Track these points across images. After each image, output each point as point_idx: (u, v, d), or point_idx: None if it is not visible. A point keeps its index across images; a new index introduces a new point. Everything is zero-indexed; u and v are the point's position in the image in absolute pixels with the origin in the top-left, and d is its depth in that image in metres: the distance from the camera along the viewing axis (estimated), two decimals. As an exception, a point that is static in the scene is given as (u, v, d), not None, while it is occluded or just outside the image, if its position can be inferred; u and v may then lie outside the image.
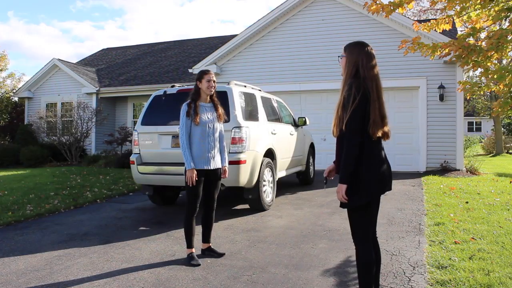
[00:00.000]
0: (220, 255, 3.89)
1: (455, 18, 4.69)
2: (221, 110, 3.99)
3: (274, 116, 6.79)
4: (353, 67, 2.52)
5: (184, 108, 3.83)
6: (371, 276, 2.52)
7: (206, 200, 3.94)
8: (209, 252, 3.94)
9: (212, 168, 3.85)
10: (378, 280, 2.68)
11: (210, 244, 3.99)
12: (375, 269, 2.58)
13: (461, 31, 10.99)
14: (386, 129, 2.50)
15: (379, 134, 2.45)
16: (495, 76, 4.11)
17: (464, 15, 4.50)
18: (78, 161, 13.38)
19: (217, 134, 3.94)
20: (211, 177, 3.89)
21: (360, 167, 2.43)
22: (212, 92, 3.93)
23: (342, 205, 2.51)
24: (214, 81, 3.90)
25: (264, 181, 5.77)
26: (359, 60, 2.51)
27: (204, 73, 3.89)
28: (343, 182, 2.43)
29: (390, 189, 2.57)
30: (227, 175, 4.08)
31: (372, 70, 2.51)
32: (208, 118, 3.85)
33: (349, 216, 2.56)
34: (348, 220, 2.58)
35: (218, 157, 3.94)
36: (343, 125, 2.44)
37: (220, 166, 3.97)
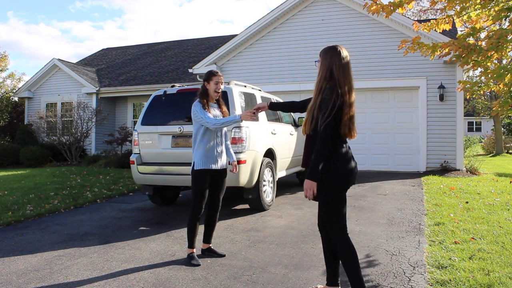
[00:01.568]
0: (220, 255, 3.89)
1: (455, 18, 4.69)
2: (225, 108, 4.01)
3: (274, 116, 6.79)
4: (326, 70, 2.65)
5: (197, 104, 3.78)
6: (358, 265, 2.65)
7: (211, 201, 3.93)
8: (209, 253, 3.93)
9: (219, 167, 3.84)
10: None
11: (211, 245, 3.98)
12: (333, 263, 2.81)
13: (461, 31, 10.99)
14: (353, 128, 2.66)
15: (346, 134, 2.63)
16: (494, 76, 4.11)
17: (464, 15, 4.50)
18: (78, 161, 13.38)
19: (223, 133, 3.94)
20: (217, 177, 3.87)
21: (331, 164, 2.59)
22: (219, 95, 3.93)
23: (315, 198, 2.65)
24: (222, 83, 3.88)
25: (264, 181, 5.77)
26: (332, 64, 2.64)
27: (212, 74, 3.83)
28: (314, 180, 2.55)
29: (354, 183, 2.72)
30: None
31: (344, 73, 2.62)
32: (215, 114, 3.85)
33: (324, 213, 2.72)
34: (324, 216, 2.74)
35: (224, 157, 3.93)
36: (316, 125, 2.60)
37: (226, 166, 3.96)
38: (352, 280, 2.66)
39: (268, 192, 5.92)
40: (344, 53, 2.66)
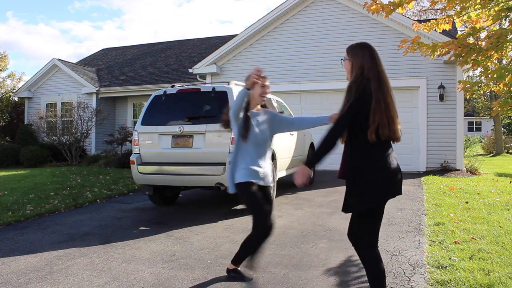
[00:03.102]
0: (246, 278, 3.25)
1: (455, 18, 4.69)
2: (275, 108, 3.49)
3: (274, 116, 6.78)
4: (359, 69, 2.45)
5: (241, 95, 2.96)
6: (384, 283, 2.45)
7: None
8: (234, 274, 3.31)
9: (264, 184, 3.15)
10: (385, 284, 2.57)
11: (239, 268, 3.34)
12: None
13: (461, 31, 10.99)
14: (395, 131, 2.43)
15: (386, 136, 2.38)
16: (494, 76, 4.11)
17: (464, 15, 4.49)
18: (78, 161, 13.38)
19: (268, 144, 3.22)
20: (261, 191, 3.15)
21: (363, 171, 2.37)
22: (264, 101, 3.24)
23: (345, 210, 2.44)
24: (269, 88, 3.21)
25: (264, 181, 5.76)
26: (364, 63, 2.44)
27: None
28: (309, 166, 2.40)
29: (400, 193, 2.48)
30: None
31: (377, 70, 2.43)
32: (259, 128, 3.14)
33: (356, 223, 2.50)
34: (355, 226, 2.52)
35: (269, 172, 3.22)
36: (349, 132, 2.40)
37: (271, 183, 3.30)
38: None
39: (268, 192, 5.90)
40: (374, 50, 2.49)
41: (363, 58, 2.46)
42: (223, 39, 15.94)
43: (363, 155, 2.39)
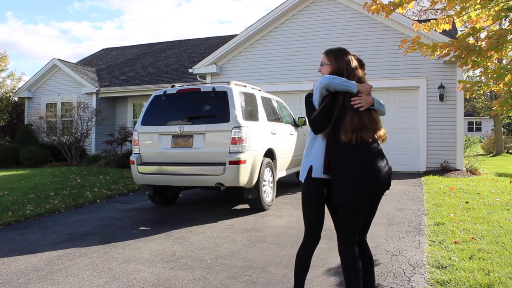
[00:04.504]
0: None
1: (455, 18, 4.68)
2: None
3: (274, 116, 6.79)
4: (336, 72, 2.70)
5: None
6: (358, 282, 2.41)
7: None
8: None
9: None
10: (374, 284, 2.61)
11: None
12: (363, 274, 2.48)
13: (461, 31, 10.99)
14: (363, 133, 2.47)
15: (353, 138, 2.43)
16: (494, 76, 4.11)
17: (464, 15, 4.49)
18: (78, 161, 13.38)
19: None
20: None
21: (337, 170, 2.46)
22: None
23: (336, 202, 2.50)
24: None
25: (264, 181, 5.77)
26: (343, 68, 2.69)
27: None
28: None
29: (387, 188, 2.52)
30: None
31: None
32: None
33: (340, 215, 2.52)
34: (339, 219, 2.54)
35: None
36: (330, 129, 2.61)
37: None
38: None
39: (268, 192, 5.92)
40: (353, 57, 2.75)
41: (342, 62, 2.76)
42: (223, 39, 15.95)
43: (340, 152, 2.48)
